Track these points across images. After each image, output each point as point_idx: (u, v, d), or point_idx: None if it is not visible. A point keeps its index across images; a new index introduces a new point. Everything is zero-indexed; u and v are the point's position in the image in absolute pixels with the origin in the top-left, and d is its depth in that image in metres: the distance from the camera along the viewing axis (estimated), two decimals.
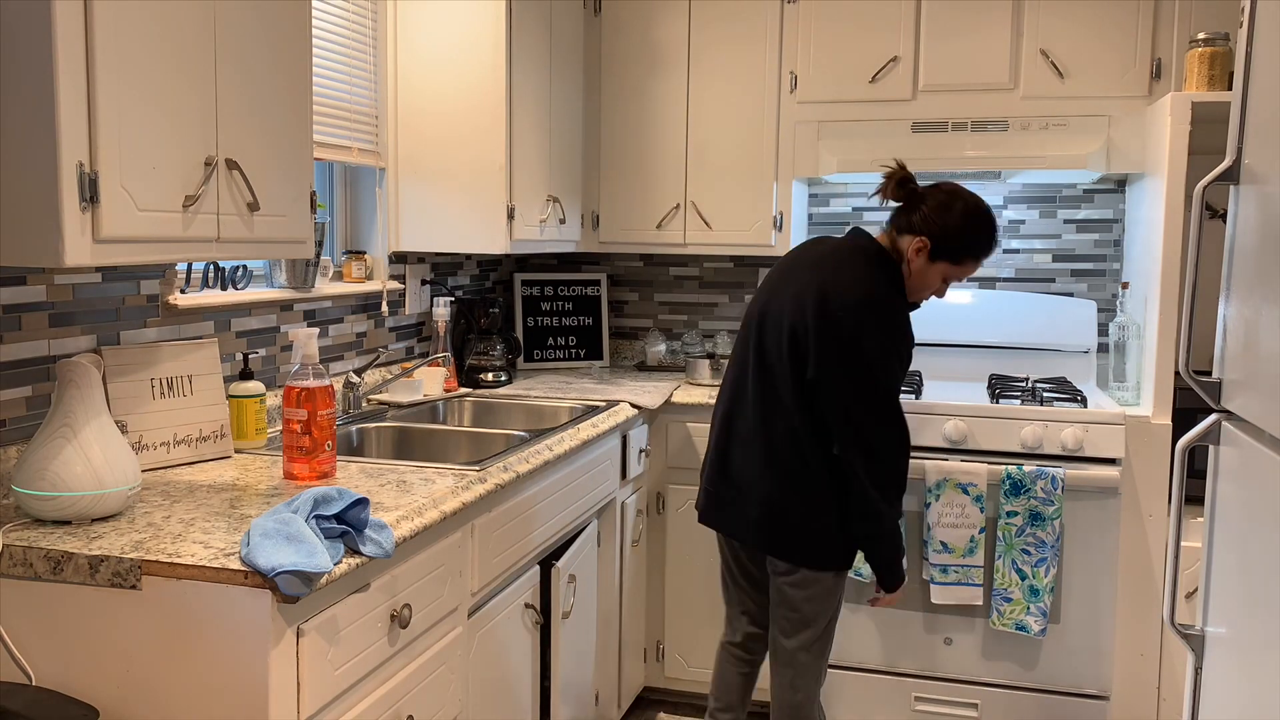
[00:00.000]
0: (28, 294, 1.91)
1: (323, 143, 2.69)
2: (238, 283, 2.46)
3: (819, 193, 3.78)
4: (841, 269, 2.37)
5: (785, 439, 2.38)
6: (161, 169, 1.69)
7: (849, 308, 2.30)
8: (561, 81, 3.36)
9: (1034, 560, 2.86)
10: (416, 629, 1.89)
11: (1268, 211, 1.53)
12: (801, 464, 2.38)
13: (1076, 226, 3.56)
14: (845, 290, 2.32)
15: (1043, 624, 2.86)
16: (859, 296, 2.31)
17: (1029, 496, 2.85)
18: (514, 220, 3.03)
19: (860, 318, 2.30)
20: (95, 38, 1.55)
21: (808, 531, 2.41)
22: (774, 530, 2.43)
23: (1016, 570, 2.87)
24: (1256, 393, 1.53)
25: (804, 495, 2.39)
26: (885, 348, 2.31)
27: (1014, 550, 2.87)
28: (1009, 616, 2.89)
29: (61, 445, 1.69)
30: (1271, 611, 1.44)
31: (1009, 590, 2.88)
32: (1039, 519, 2.84)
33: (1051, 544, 2.84)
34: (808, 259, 2.45)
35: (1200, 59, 2.85)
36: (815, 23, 3.37)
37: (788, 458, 2.38)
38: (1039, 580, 2.85)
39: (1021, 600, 2.88)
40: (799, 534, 2.41)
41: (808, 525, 2.40)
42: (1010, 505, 2.86)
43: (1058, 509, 2.83)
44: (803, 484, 2.39)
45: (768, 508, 2.42)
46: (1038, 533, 2.85)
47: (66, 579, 1.57)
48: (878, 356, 2.30)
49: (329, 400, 2.03)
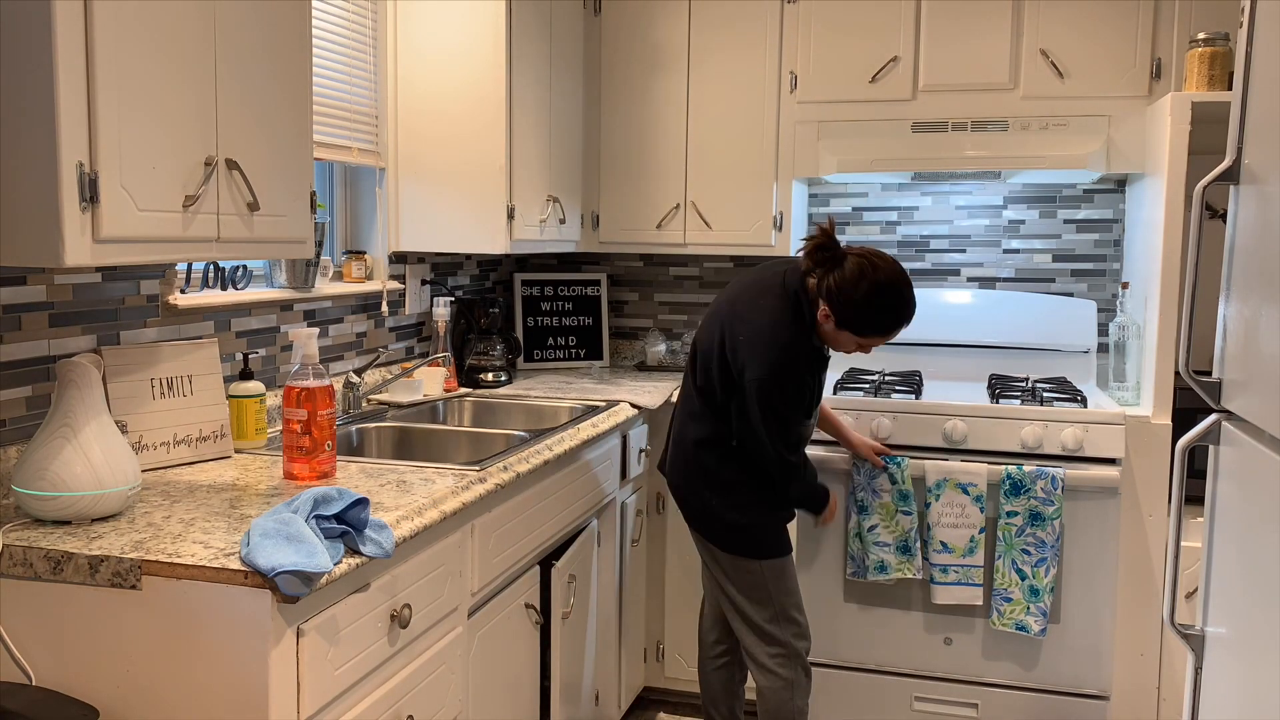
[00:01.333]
0: (28, 294, 1.91)
1: (323, 143, 2.69)
2: (238, 283, 2.45)
3: (819, 193, 3.78)
4: (756, 304, 2.52)
5: (695, 445, 2.61)
6: (161, 169, 1.69)
7: (744, 344, 2.47)
8: (561, 81, 3.36)
9: (1034, 560, 2.86)
10: (416, 629, 1.89)
11: (1268, 211, 1.53)
12: (715, 465, 2.59)
13: (1076, 226, 3.56)
14: (749, 325, 2.49)
15: (1043, 624, 2.86)
16: (755, 334, 2.47)
17: (1029, 496, 2.85)
18: (514, 220, 3.03)
19: (752, 354, 2.45)
20: (95, 38, 1.55)
21: (725, 522, 2.61)
22: (701, 519, 2.66)
23: (1016, 570, 2.87)
24: (1256, 393, 1.53)
25: (717, 490, 2.61)
26: (765, 386, 2.43)
27: (1014, 550, 2.87)
28: (1009, 616, 2.89)
29: (61, 445, 1.69)
30: (1271, 611, 1.44)
31: (1009, 590, 2.88)
32: (1039, 519, 2.84)
33: (1051, 544, 2.84)
34: (736, 287, 2.62)
35: (1200, 59, 2.85)
36: (815, 23, 3.37)
37: (702, 461, 2.61)
38: (1039, 580, 2.85)
39: (1021, 600, 2.88)
40: (720, 523, 2.62)
41: (724, 516, 2.60)
42: (1010, 505, 2.86)
43: (1058, 509, 2.83)
44: (715, 482, 2.61)
45: (691, 503, 2.66)
46: (1038, 533, 2.85)
47: (66, 579, 1.57)
48: (755, 392, 2.44)
49: (329, 400, 2.03)
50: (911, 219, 3.70)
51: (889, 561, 2.96)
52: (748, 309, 2.52)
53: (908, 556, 2.94)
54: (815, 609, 3.11)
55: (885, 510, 2.95)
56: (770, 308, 2.49)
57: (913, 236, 3.70)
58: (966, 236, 3.65)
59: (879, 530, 2.96)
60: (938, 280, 3.69)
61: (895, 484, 2.94)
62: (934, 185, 3.66)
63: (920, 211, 3.69)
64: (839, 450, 3.02)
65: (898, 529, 2.94)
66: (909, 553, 2.94)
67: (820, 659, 3.13)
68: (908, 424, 3.01)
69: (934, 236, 3.68)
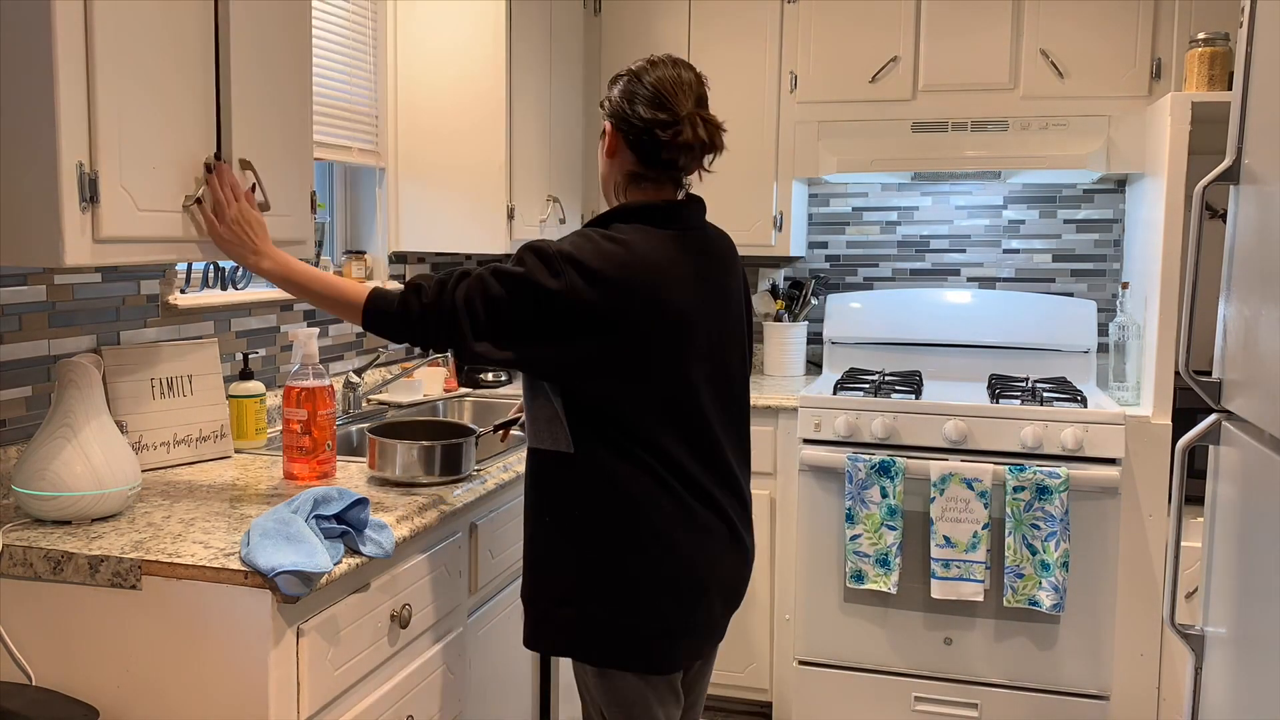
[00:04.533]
0: (28, 294, 1.91)
1: (323, 143, 2.69)
2: (238, 282, 2.45)
3: (819, 192, 3.78)
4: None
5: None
6: (161, 169, 1.69)
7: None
8: (561, 81, 3.36)
9: (1044, 535, 2.84)
10: (416, 629, 1.89)
11: (1268, 211, 1.53)
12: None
13: (1076, 226, 3.56)
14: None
15: (1055, 599, 2.83)
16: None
17: (1035, 471, 2.84)
18: (514, 220, 3.03)
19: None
20: (95, 37, 1.55)
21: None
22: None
23: (1027, 545, 2.86)
24: (1256, 393, 1.53)
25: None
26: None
27: (1023, 526, 2.86)
28: (1022, 593, 2.87)
29: (61, 445, 1.69)
30: (1271, 611, 1.44)
31: (1021, 566, 2.87)
32: (1045, 492, 2.83)
33: (1060, 518, 2.82)
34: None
35: (1200, 59, 2.85)
36: (815, 22, 3.37)
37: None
38: (1049, 555, 2.84)
39: (1033, 575, 2.86)
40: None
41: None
42: (1016, 480, 2.85)
43: (1064, 481, 2.81)
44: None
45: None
46: (1045, 506, 2.83)
47: (66, 579, 1.57)
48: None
49: (329, 400, 2.03)
50: (911, 219, 3.70)
51: (865, 572, 2.98)
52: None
53: (885, 570, 2.96)
54: (815, 609, 3.11)
55: (871, 522, 2.96)
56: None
57: (913, 236, 3.70)
58: (966, 236, 3.65)
59: (861, 540, 2.97)
60: (938, 280, 3.69)
61: (886, 497, 2.94)
62: (934, 185, 3.66)
63: (920, 211, 3.69)
64: (839, 450, 3.02)
65: (880, 542, 2.95)
66: (887, 566, 2.95)
67: (820, 659, 3.13)
68: (908, 424, 3.01)
69: (934, 236, 3.68)
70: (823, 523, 3.07)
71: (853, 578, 2.99)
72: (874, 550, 2.96)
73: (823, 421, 3.06)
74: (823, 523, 3.07)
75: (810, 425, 3.08)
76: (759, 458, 3.18)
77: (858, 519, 2.97)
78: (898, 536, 2.94)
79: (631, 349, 1.67)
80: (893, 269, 3.73)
